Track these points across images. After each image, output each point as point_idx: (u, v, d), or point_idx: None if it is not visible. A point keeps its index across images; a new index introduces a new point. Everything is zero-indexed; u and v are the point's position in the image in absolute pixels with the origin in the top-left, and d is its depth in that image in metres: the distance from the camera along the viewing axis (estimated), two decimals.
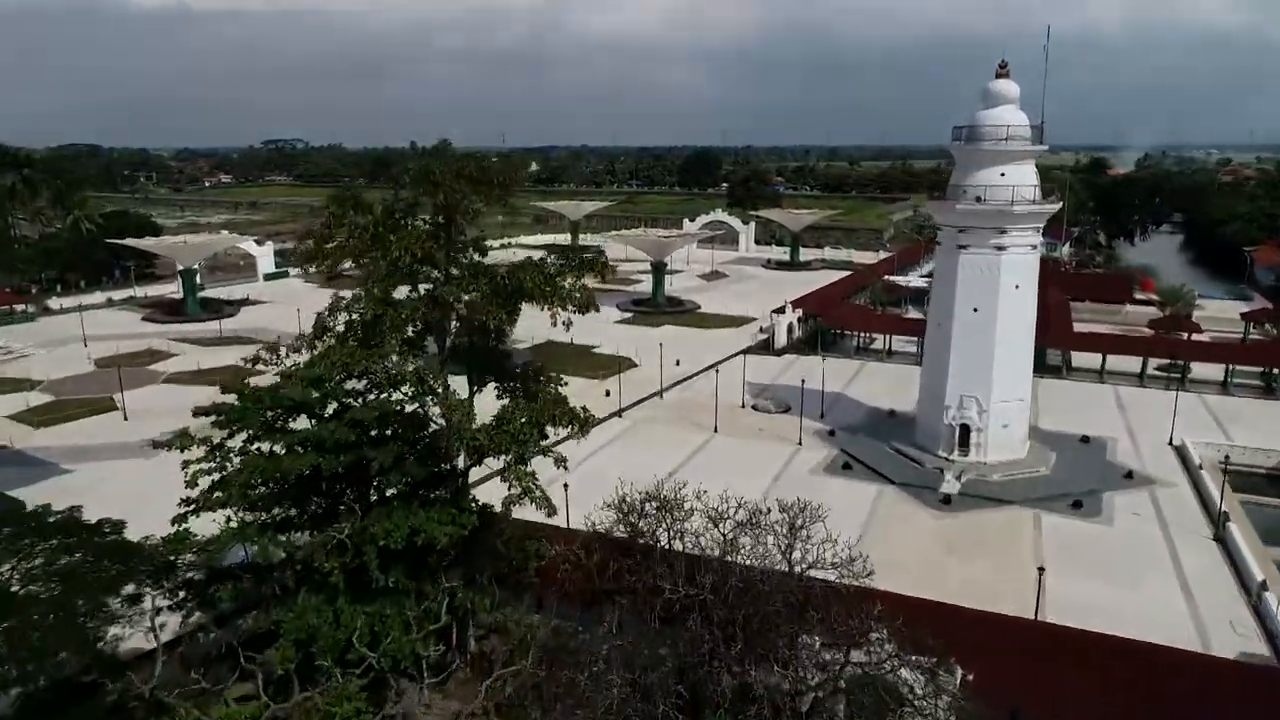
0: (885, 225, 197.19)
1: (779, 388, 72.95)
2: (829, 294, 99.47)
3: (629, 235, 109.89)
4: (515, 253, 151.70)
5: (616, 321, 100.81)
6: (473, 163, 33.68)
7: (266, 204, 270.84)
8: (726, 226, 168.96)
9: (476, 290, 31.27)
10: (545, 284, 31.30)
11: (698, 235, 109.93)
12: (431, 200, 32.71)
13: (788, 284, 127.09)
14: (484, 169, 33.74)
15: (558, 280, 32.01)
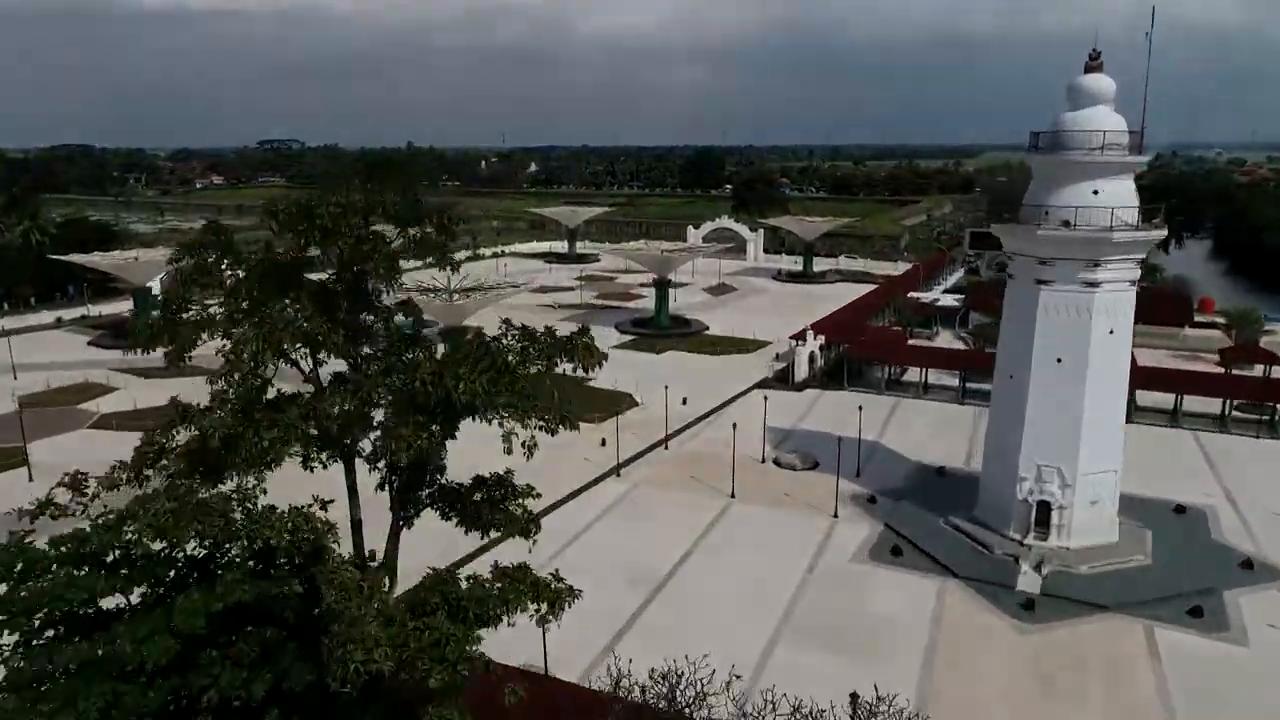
0: (900, 231, 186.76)
1: (803, 435, 62.74)
2: (851, 316, 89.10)
3: (630, 249, 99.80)
4: (506, 264, 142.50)
5: (615, 345, 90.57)
6: (389, 196, 23.40)
7: (254, 207, 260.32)
8: (733, 234, 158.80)
9: (381, 399, 21.04)
10: (498, 386, 20.96)
11: (704, 249, 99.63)
12: (330, 249, 22.44)
13: (802, 298, 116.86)
14: (412, 206, 23.55)
15: (517, 375, 21.60)
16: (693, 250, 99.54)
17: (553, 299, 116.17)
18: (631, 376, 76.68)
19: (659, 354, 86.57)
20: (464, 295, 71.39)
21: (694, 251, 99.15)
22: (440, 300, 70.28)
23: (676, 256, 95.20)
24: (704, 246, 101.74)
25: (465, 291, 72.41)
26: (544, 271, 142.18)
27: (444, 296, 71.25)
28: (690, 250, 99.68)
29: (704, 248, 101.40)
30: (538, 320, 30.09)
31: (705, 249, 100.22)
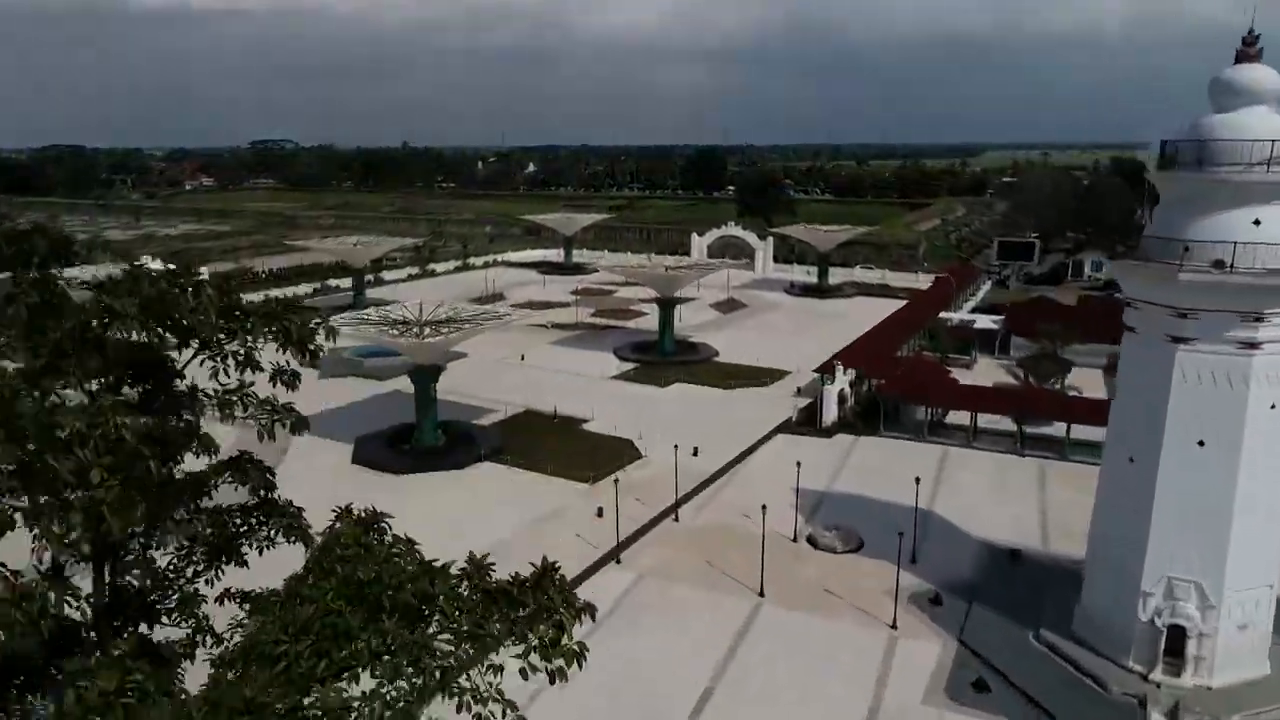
0: (916, 238, 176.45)
1: (840, 500, 52.54)
2: (880, 342, 78.71)
3: (632, 266, 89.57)
4: (494, 281, 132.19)
5: (614, 376, 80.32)
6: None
7: (238, 212, 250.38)
8: (740, 242, 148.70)
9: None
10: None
11: (711, 266, 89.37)
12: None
13: (818, 316, 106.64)
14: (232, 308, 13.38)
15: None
16: (699, 267, 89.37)
17: (546, 317, 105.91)
18: (633, 418, 66.59)
19: (664, 387, 76.30)
20: (436, 329, 60.94)
21: (701, 269, 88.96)
22: (408, 336, 59.91)
23: (682, 275, 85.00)
24: (711, 264, 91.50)
25: (438, 325, 61.99)
26: (537, 284, 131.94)
27: (413, 331, 60.88)
28: (697, 267, 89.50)
29: (711, 265, 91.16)
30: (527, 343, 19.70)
31: (712, 266, 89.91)
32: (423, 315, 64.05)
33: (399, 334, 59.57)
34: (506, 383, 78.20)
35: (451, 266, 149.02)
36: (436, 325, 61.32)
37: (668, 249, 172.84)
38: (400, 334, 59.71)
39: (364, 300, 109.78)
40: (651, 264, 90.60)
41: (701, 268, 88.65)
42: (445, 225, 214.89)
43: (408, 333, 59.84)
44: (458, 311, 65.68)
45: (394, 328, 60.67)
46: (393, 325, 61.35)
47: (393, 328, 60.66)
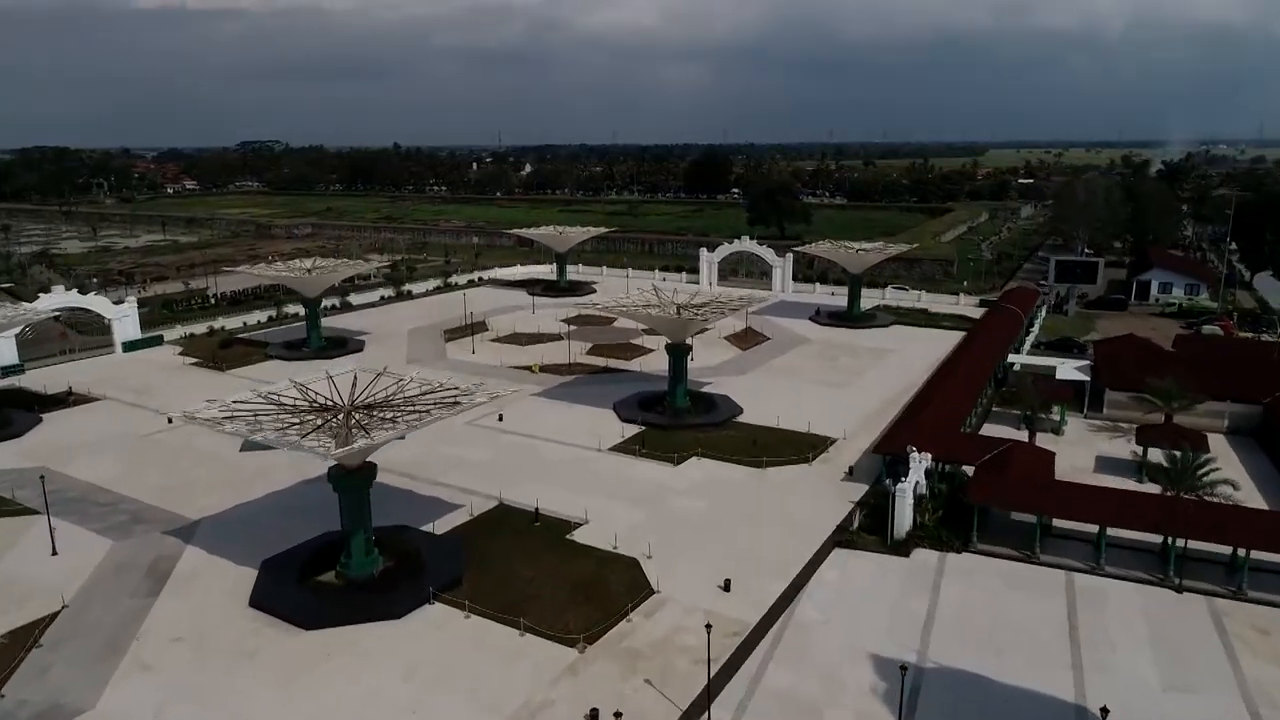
0: (949, 252, 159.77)
1: (939, 678, 36.09)
2: (950, 404, 61.89)
3: (635, 307, 72.71)
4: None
5: (614, 447, 63.72)
6: None
7: (210, 221, 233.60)
8: (755, 258, 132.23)
9: None
10: None
11: (730, 305, 72.43)
12: None
13: (855, 354, 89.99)
14: None
15: None
16: (716, 305, 72.47)
17: (532, 357, 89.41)
18: (640, 520, 50.24)
19: (678, 465, 59.71)
20: (369, 421, 44.05)
21: (718, 307, 72.10)
22: (327, 430, 43.05)
23: (697, 318, 68.23)
24: (730, 298, 74.67)
25: (373, 413, 45.18)
26: (525, 308, 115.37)
27: (336, 423, 44.03)
28: (714, 305, 72.67)
29: (730, 300, 74.33)
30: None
31: (731, 304, 73.15)
32: (355, 394, 47.48)
33: (315, 426, 42.84)
34: (477, 457, 61.75)
35: (431, 286, 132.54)
36: (370, 414, 44.65)
37: (672, 262, 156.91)
38: (319, 426, 42.97)
39: (318, 337, 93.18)
40: (660, 301, 73.71)
41: (719, 306, 71.69)
42: (429, 236, 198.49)
43: (329, 425, 43.16)
44: (403, 387, 48.87)
45: (306, 420, 43.86)
46: (306, 415, 44.60)
47: (304, 420, 43.80)
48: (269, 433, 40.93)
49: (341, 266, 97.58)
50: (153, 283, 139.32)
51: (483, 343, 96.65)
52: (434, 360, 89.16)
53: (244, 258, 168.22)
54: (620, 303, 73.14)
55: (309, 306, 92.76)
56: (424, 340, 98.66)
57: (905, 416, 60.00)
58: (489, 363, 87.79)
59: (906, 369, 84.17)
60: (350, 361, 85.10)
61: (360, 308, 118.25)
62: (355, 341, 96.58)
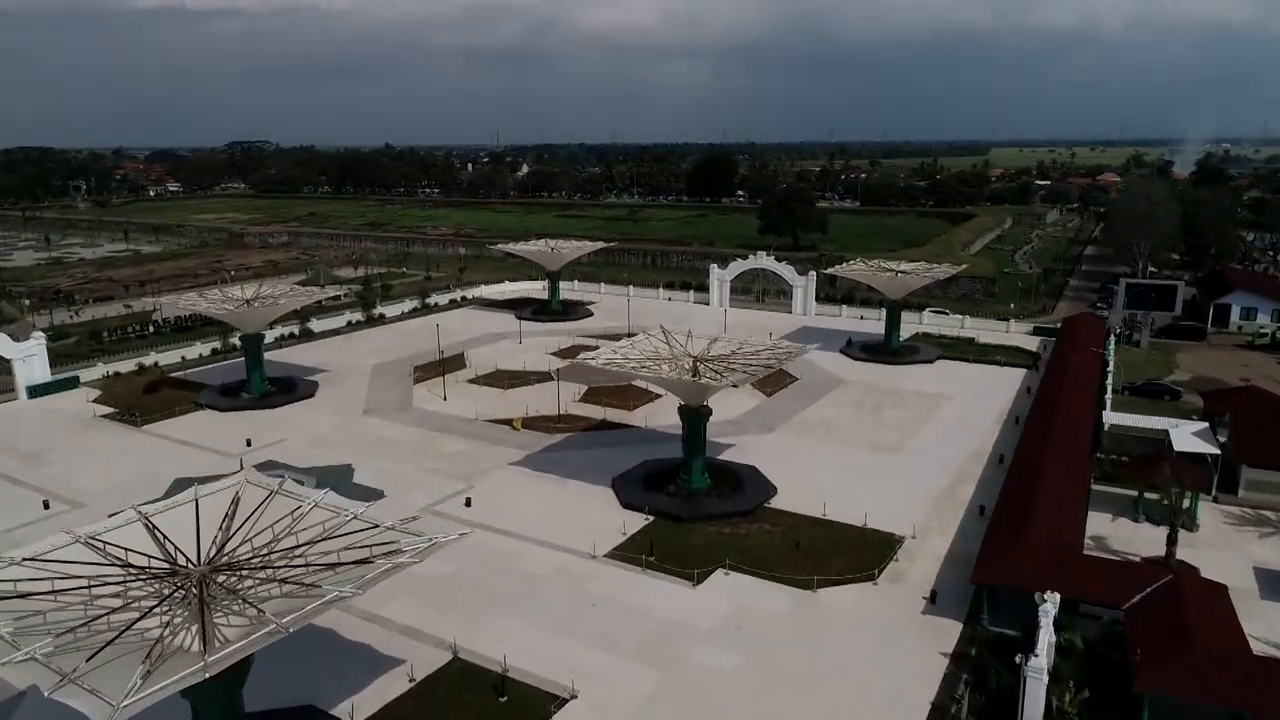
0: (980, 265, 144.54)
1: None
2: (1060, 507, 46.54)
3: (641, 362, 57.00)
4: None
5: (612, 553, 48.60)
6: None
7: (181, 228, 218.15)
8: (772, 275, 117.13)
9: None
10: None
11: (764, 361, 56.62)
12: None
13: (904, 401, 74.62)
14: None
15: None
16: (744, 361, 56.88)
17: (514, 407, 74.26)
18: (650, 696, 35.29)
19: (698, 584, 44.64)
20: (219, 600, 28.70)
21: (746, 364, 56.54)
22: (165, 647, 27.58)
23: (719, 382, 52.72)
24: (759, 352, 58.97)
25: (230, 575, 29.82)
26: (512, 337, 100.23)
27: (185, 592, 28.63)
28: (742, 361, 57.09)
29: (760, 355, 58.66)
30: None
31: (762, 359, 57.57)
32: (226, 533, 32.15)
33: (136, 616, 27.40)
34: (432, 570, 46.58)
35: (408, 308, 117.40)
36: (237, 578, 29.29)
37: (678, 277, 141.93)
38: (142, 613, 27.52)
39: (261, 380, 78.01)
40: (671, 352, 58.25)
41: (747, 363, 56.10)
42: (413, 246, 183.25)
43: (162, 612, 27.62)
44: (301, 518, 33.39)
45: (132, 599, 28.30)
46: (134, 587, 29.06)
47: (127, 600, 28.21)
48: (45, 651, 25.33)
49: (288, 297, 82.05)
50: (95, 303, 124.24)
51: (458, 384, 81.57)
52: (396, 411, 74.11)
53: (207, 271, 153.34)
54: (621, 354, 57.83)
55: (248, 345, 77.57)
56: (389, 381, 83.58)
57: (1001, 523, 44.71)
58: (462, 414, 72.70)
59: (970, 425, 69.13)
60: (291, 415, 71.82)
61: (322, 336, 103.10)
62: (306, 384, 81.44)
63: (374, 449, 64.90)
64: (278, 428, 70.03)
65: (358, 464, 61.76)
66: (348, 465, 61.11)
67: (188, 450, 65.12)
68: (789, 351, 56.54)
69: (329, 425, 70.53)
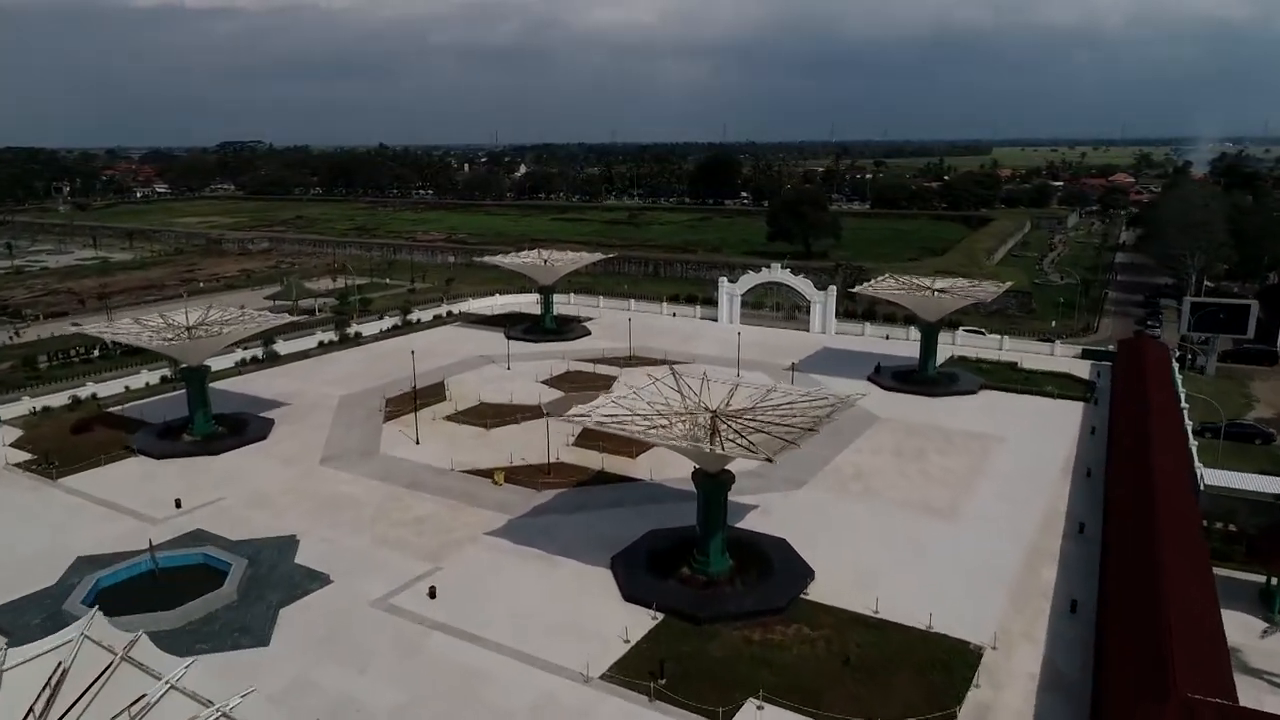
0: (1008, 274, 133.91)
1: None
2: (1195, 615, 36.07)
3: (648, 417, 46.01)
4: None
5: (610, 673, 37.96)
6: None
7: (158, 233, 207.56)
8: (787, 289, 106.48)
9: None
10: None
11: (802, 420, 45.44)
12: None
13: (951, 443, 63.75)
14: None
15: None
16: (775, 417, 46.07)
17: (497, 451, 63.71)
18: None
19: None
20: None
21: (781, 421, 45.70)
22: None
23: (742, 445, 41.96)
24: (793, 403, 47.95)
25: None
26: (499, 361, 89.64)
27: None
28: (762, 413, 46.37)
29: (796, 410, 47.70)
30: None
31: (799, 417, 46.48)
32: None
33: None
34: (379, 699, 36.00)
35: (387, 325, 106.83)
36: None
37: (682, 289, 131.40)
38: None
39: (205, 419, 67.38)
40: (685, 403, 47.35)
41: (781, 421, 45.20)
42: (400, 253, 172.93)
43: None
44: None
45: None
46: None
47: None
48: None
49: (237, 323, 71.27)
50: (47, 319, 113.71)
51: (434, 422, 71.01)
52: (359, 459, 63.51)
53: (175, 282, 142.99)
54: (624, 405, 47.05)
55: (190, 380, 66.95)
56: (356, 417, 72.99)
57: (1123, 652, 34.07)
58: (435, 463, 62.12)
59: (1032, 478, 58.58)
60: (237, 464, 59.06)
61: (289, 359, 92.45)
62: (259, 423, 70.76)
63: (328, 511, 54.34)
64: (218, 481, 59.52)
65: (306, 533, 51.22)
66: (291, 537, 50.51)
67: (105, 514, 54.55)
68: (831, 405, 45.59)
69: (279, 478, 59.95)
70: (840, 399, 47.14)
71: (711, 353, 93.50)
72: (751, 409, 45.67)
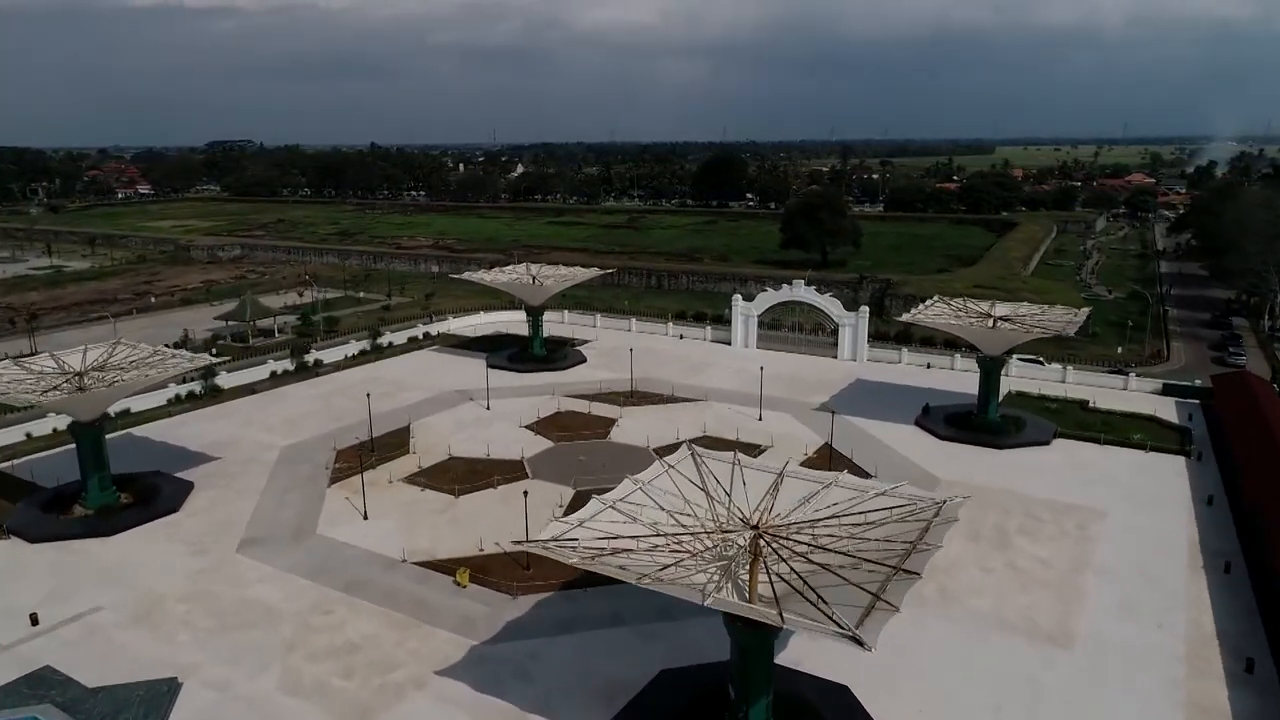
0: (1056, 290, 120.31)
1: None
2: None
3: (657, 541, 32.57)
4: (401, 372, 66.45)
5: None
6: None
7: (125, 239, 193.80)
8: (809, 307, 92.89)
9: None
10: None
11: (875, 546, 31.86)
12: None
13: (1033, 523, 50.08)
14: None
15: None
16: (824, 533, 32.78)
17: (465, 533, 50.25)
18: None
19: None
20: None
21: (847, 547, 32.35)
22: None
23: (807, 609, 28.58)
24: (869, 549, 34.29)
25: None
26: (478, 399, 76.06)
27: None
28: (825, 529, 33.05)
29: (882, 564, 34.20)
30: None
31: (885, 568, 32.79)
32: None
33: None
34: None
35: (354, 350, 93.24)
36: None
37: (689, 304, 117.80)
38: None
39: (101, 487, 53.81)
40: (715, 515, 33.79)
41: (851, 552, 31.48)
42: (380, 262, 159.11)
43: None
44: None
45: None
46: None
47: None
48: None
49: (147, 366, 57.39)
50: None
51: (391, 486, 57.59)
52: (289, 542, 50.01)
53: (130, 296, 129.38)
54: (625, 510, 33.45)
55: (81, 438, 53.36)
56: (297, 477, 59.49)
57: None
58: (385, 549, 48.63)
59: (1156, 578, 45.17)
60: (132, 550, 44.26)
61: (233, 395, 78.82)
62: (175, 487, 57.18)
63: (232, 631, 40.84)
64: (101, 577, 46.09)
65: (193, 670, 37.79)
66: (171, 681, 36.98)
67: None
68: (923, 519, 31.88)
69: (180, 574, 46.46)
70: (931, 501, 33.48)
71: (726, 385, 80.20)
72: (809, 523, 32.01)
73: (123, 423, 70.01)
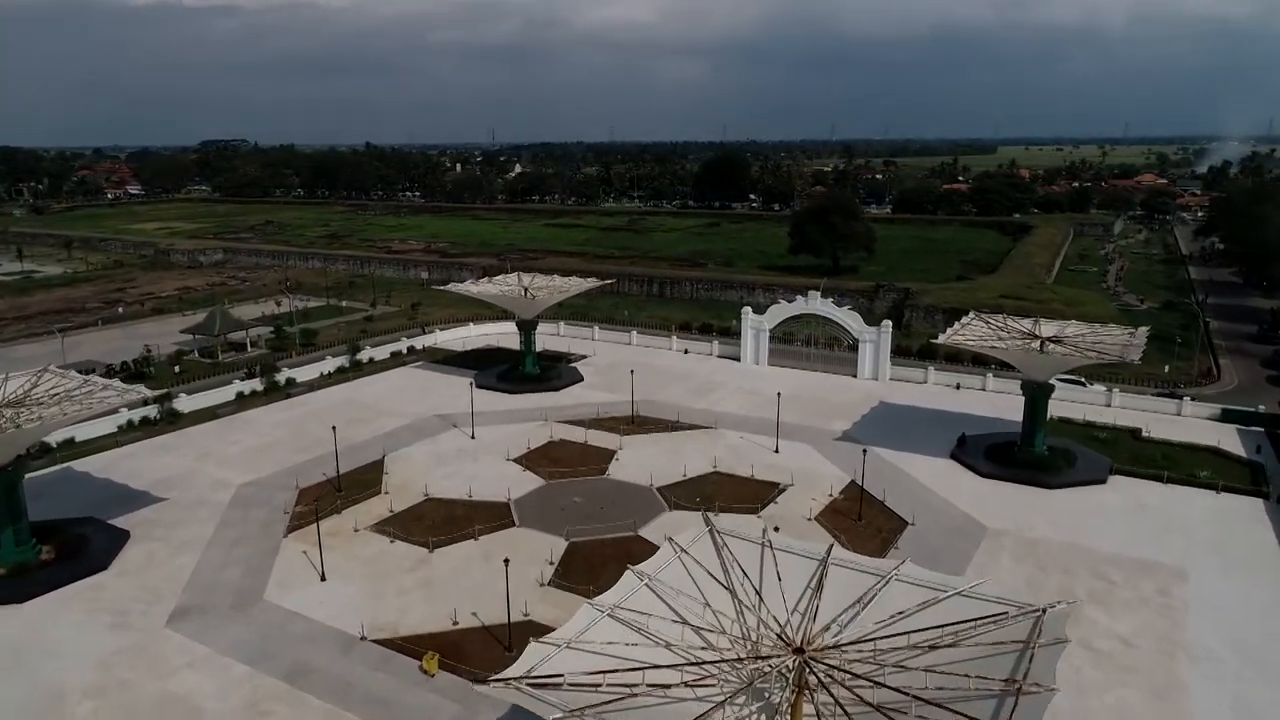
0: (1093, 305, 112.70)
1: None
2: None
3: (668, 680, 25.07)
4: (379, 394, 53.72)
5: None
6: None
7: (104, 243, 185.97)
8: (825, 320, 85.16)
9: None
10: None
11: (950, 688, 24.32)
12: None
13: (1104, 589, 42.17)
14: None
15: None
16: (882, 663, 25.49)
17: (440, 599, 42.68)
18: None
19: None
20: None
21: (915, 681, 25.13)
22: None
23: None
24: (944, 689, 27.03)
25: None
26: (463, 420, 68.44)
27: None
28: (883, 657, 25.78)
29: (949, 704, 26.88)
30: None
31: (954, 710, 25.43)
32: None
33: None
34: None
35: (330, 368, 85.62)
36: None
37: (695, 316, 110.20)
38: None
39: (14, 544, 46.13)
40: (744, 627, 26.42)
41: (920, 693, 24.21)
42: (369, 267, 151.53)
43: None
44: None
45: None
46: None
47: None
48: None
49: (72, 400, 49.52)
50: None
51: (358, 534, 50.08)
52: (229, 611, 42.40)
53: (99, 305, 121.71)
54: (632, 623, 25.86)
55: None
56: (250, 525, 51.89)
57: None
58: (341, 624, 41.00)
59: (1268, 661, 37.54)
60: (40, 625, 41.88)
61: (192, 420, 71.25)
62: (108, 537, 49.55)
63: None
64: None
65: None
66: None
67: None
68: (1016, 638, 24.33)
69: (93, 658, 38.84)
70: (1027, 610, 25.75)
71: (737, 409, 72.69)
72: (868, 640, 24.34)
73: (63, 455, 62.64)
